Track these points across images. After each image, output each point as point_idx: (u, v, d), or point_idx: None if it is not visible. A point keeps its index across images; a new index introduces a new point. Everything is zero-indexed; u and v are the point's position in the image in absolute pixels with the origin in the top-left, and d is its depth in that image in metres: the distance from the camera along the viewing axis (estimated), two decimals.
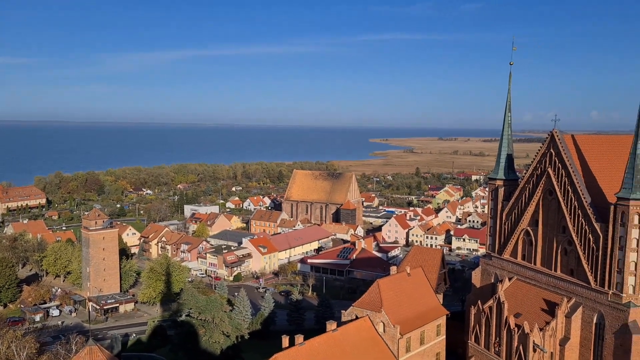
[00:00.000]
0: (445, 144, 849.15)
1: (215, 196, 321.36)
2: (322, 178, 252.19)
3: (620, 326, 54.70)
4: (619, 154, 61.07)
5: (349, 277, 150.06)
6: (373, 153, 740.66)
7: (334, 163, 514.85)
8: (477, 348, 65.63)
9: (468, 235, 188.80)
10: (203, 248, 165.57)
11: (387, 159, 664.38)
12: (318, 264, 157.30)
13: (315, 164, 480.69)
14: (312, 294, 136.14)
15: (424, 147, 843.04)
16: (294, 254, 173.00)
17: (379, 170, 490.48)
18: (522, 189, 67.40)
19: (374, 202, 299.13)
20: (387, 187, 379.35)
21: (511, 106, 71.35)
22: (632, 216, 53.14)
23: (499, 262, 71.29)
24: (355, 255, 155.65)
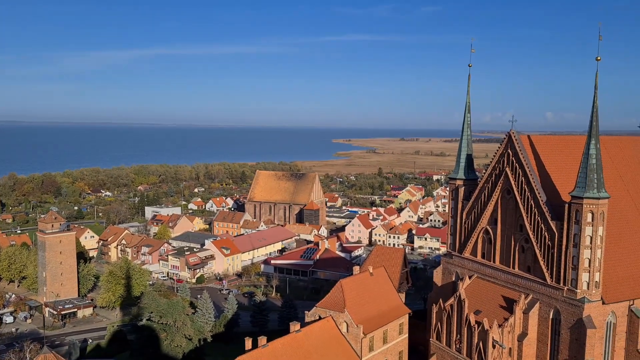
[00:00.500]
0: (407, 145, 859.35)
1: (177, 197, 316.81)
2: (286, 179, 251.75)
3: (575, 321, 56.34)
4: (573, 153, 62.86)
5: (312, 278, 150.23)
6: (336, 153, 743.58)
7: (298, 163, 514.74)
8: (439, 346, 66.56)
9: (430, 234, 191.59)
10: (165, 250, 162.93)
11: (350, 159, 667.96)
12: (282, 264, 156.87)
13: (279, 164, 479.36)
14: (276, 295, 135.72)
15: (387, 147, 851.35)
16: (258, 255, 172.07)
17: (342, 170, 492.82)
18: (481, 188, 68.72)
19: (337, 202, 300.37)
20: (350, 187, 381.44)
21: (470, 107, 72.62)
22: (585, 214, 54.81)
23: (459, 261, 72.49)
24: (318, 255, 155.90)
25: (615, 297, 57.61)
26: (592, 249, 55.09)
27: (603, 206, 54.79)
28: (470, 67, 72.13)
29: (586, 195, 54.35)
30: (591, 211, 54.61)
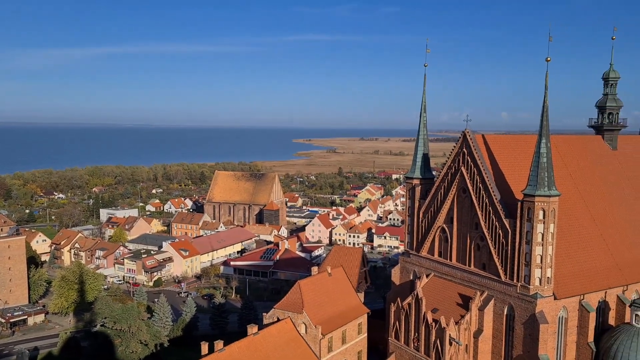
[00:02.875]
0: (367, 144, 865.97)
1: (134, 199, 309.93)
2: (245, 179, 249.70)
3: (529, 317, 57.50)
4: (526, 152, 64.16)
5: (272, 278, 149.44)
6: (296, 153, 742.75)
7: (258, 163, 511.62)
8: (397, 344, 66.90)
9: (389, 233, 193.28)
10: (120, 253, 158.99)
11: (310, 159, 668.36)
12: (241, 265, 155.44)
13: (239, 164, 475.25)
14: (236, 296, 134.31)
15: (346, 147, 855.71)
16: (217, 256, 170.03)
17: (303, 170, 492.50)
18: (437, 187, 69.41)
19: (297, 202, 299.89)
20: (311, 187, 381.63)
21: (426, 107, 73.30)
22: (537, 212, 55.98)
23: (417, 259, 73.09)
24: (278, 256, 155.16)
25: (566, 293, 59.06)
26: (543, 245, 56.33)
27: (554, 204, 56.10)
28: (426, 67, 72.79)
29: (537, 193, 55.52)
30: (542, 209, 55.82)
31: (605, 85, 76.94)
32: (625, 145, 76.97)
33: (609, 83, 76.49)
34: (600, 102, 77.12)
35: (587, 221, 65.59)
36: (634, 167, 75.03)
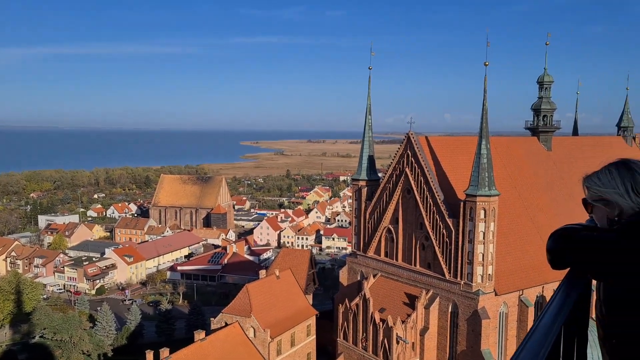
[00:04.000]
0: (314, 146, 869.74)
1: (74, 204, 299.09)
2: (192, 182, 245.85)
3: (472, 313, 59.34)
4: (468, 153, 66.17)
5: (221, 282, 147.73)
6: (244, 156, 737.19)
7: (204, 166, 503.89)
8: (346, 345, 67.56)
9: (337, 235, 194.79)
10: (60, 261, 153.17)
11: (258, 161, 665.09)
12: (189, 270, 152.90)
13: (185, 167, 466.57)
14: (183, 302, 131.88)
15: (294, 149, 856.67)
16: (163, 261, 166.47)
17: (250, 172, 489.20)
18: (383, 188, 70.60)
19: (245, 205, 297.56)
20: (259, 189, 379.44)
21: (371, 109, 74.38)
22: (478, 211, 57.91)
23: (364, 260, 74.01)
24: (226, 259, 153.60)
25: (506, 288, 61.34)
26: (484, 244, 58.28)
27: (494, 203, 58.17)
28: (371, 70, 73.88)
29: (479, 193, 57.44)
30: (483, 208, 57.76)
31: (540, 89, 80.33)
32: (558, 146, 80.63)
33: (544, 87, 79.92)
34: (535, 105, 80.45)
35: (525, 219, 68.30)
36: (566, 167, 78.71)
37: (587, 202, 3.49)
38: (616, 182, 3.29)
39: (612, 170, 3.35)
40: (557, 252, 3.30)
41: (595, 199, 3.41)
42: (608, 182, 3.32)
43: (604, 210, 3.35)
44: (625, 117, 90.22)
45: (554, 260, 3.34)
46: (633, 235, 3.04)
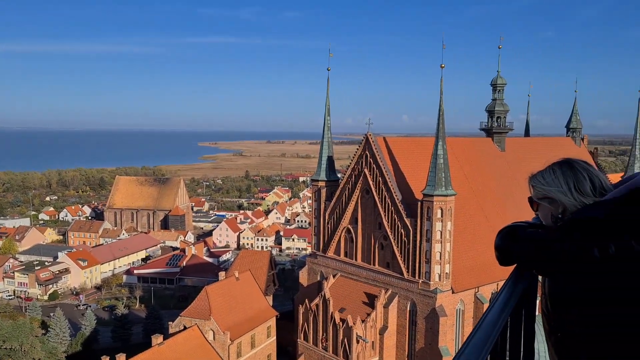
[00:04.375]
0: (274, 147, 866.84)
1: (24, 207, 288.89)
2: (149, 184, 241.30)
3: (430, 311, 60.39)
4: (425, 154, 67.31)
5: (179, 285, 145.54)
6: (202, 157, 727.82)
7: (162, 168, 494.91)
8: (306, 345, 67.65)
9: (297, 235, 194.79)
10: (10, 266, 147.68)
11: (216, 162, 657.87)
12: (146, 274, 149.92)
13: (141, 169, 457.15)
14: (140, 306, 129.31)
15: (253, 150, 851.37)
16: (119, 265, 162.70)
17: (209, 173, 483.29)
18: (342, 189, 71.07)
19: (204, 206, 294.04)
20: (218, 190, 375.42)
21: (330, 110, 74.74)
22: (435, 210, 59.02)
23: (323, 260, 74.29)
24: (185, 262, 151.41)
25: (462, 286, 62.69)
26: (442, 242, 59.42)
27: (451, 203, 59.38)
28: (330, 71, 74.26)
29: (436, 193, 58.53)
30: (440, 208, 58.88)
31: (493, 91, 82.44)
32: (512, 147, 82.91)
33: (497, 89, 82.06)
34: (489, 107, 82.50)
35: (480, 218, 69.96)
36: (519, 167, 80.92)
37: (532, 200, 3.59)
38: (559, 180, 3.40)
39: (555, 170, 3.46)
40: (504, 250, 3.39)
41: (540, 197, 3.51)
42: (552, 181, 3.42)
43: (549, 208, 3.45)
44: (574, 119, 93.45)
45: (501, 257, 3.42)
46: (574, 232, 3.15)
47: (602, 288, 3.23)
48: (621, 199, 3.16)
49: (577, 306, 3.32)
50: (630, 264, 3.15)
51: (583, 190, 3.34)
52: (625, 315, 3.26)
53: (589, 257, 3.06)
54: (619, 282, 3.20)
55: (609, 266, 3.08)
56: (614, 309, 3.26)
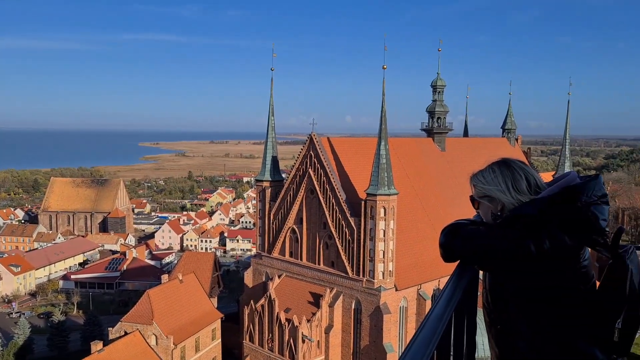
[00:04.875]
0: (217, 147, 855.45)
1: None
2: (86, 185, 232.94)
3: (374, 309, 61.32)
4: (368, 154, 68.28)
5: (120, 290, 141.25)
6: (143, 157, 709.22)
7: (100, 169, 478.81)
8: (252, 347, 67.24)
9: (241, 236, 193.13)
10: None
11: (158, 163, 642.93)
12: (84, 279, 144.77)
13: (78, 170, 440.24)
14: (78, 312, 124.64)
15: (196, 150, 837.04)
16: (55, 270, 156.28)
17: (151, 174, 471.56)
18: (286, 189, 71.08)
19: (145, 208, 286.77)
20: (160, 192, 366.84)
21: (274, 110, 74.64)
22: (379, 210, 60.01)
23: (268, 261, 74.05)
24: (126, 265, 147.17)
25: (405, 283, 64.00)
26: (385, 241, 60.47)
27: (393, 202, 60.52)
28: (273, 71, 74.12)
29: (379, 193, 59.51)
30: (383, 207, 59.91)
31: (433, 92, 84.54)
32: (451, 147, 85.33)
33: (437, 90, 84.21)
34: (430, 108, 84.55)
35: (422, 216, 71.63)
36: (459, 166, 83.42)
37: (473, 198, 3.76)
38: (498, 180, 3.56)
39: (494, 169, 3.63)
40: (447, 247, 3.53)
41: (480, 196, 3.67)
42: (491, 180, 3.58)
43: (488, 206, 3.61)
44: (508, 120, 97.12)
45: (445, 254, 3.56)
46: (511, 228, 3.32)
47: (538, 281, 3.45)
48: (554, 196, 3.37)
49: (516, 299, 3.52)
50: (564, 258, 3.37)
51: (520, 189, 3.52)
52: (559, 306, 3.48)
53: (525, 252, 3.24)
54: (553, 276, 3.42)
55: (545, 260, 3.28)
56: (550, 302, 3.48)
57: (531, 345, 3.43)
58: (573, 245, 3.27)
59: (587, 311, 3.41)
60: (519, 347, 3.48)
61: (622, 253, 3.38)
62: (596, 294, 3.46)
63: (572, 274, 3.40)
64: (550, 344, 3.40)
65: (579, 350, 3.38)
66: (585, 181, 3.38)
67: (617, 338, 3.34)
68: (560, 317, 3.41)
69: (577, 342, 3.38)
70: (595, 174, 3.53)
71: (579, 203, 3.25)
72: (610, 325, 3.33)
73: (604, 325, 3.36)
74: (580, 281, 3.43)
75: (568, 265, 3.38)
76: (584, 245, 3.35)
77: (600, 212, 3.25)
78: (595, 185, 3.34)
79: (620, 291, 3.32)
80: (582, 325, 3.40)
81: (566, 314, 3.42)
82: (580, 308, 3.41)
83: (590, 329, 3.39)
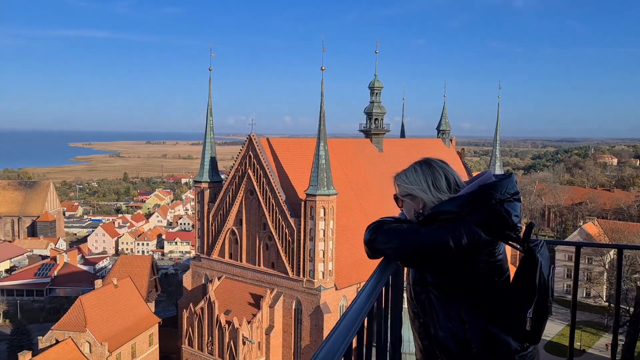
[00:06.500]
0: (154, 148, 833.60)
1: None
2: (13, 188, 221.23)
3: (314, 309, 61.73)
4: (307, 155, 68.64)
5: (50, 297, 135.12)
6: (74, 158, 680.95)
7: (28, 170, 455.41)
8: (191, 351, 66.17)
9: (180, 238, 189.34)
10: None
11: (91, 164, 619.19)
12: (11, 285, 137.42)
13: (4, 172, 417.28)
14: (5, 321, 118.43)
15: (132, 150, 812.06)
16: None
17: (83, 176, 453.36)
18: (225, 190, 70.41)
19: (77, 211, 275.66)
20: (93, 194, 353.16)
21: (212, 110, 73.78)
22: (318, 210, 60.50)
23: (208, 263, 73.07)
24: (56, 271, 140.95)
25: (345, 282, 64.81)
26: (325, 241, 61.03)
27: (333, 202, 61.18)
28: (212, 71, 73.25)
29: (318, 193, 60.00)
30: (323, 207, 60.46)
31: (371, 94, 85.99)
32: (389, 147, 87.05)
33: (375, 92, 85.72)
34: (367, 109, 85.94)
35: (360, 215, 72.69)
36: (396, 167, 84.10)
37: (397, 197, 3.96)
38: (420, 179, 3.76)
39: (416, 169, 3.84)
40: (370, 243, 3.70)
41: (403, 195, 3.88)
42: (414, 179, 3.79)
43: (411, 204, 3.81)
44: (443, 122, 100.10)
45: (368, 250, 3.73)
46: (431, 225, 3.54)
47: (456, 275, 3.72)
48: (471, 194, 3.62)
49: (436, 292, 3.78)
50: (480, 252, 3.65)
51: (440, 187, 3.74)
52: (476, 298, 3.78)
53: (444, 247, 3.45)
54: (470, 269, 3.70)
55: (462, 255, 3.49)
56: (467, 294, 3.76)
57: (450, 336, 3.66)
58: (488, 240, 3.50)
59: (501, 302, 3.67)
60: (439, 337, 3.71)
61: (533, 247, 3.65)
62: (510, 286, 3.73)
63: (487, 267, 3.65)
64: (468, 332, 3.63)
65: (494, 339, 3.63)
66: (499, 180, 3.62)
67: (529, 327, 3.60)
68: (477, 308, 3.67)
69: (493, 332, 3.63)
70: (509, 173, 3.79)
71: (493, 200, 3.50)
72: (523, 315, 3.58)
73: (517, 315, 3.61)
74: (495, 274, 3.69)
75: (484, 259, 3.62)
76: (498, 240, 3.58)
77: (512, 208, 3.51)
78: (508, 183, 3.60)
79: (530, 283, 3.57)
80: (497, 316, 3.66)
81: (482, 305, 3.68)
82: (495, 299, 3.67)
83: (505, 318, 3.66)
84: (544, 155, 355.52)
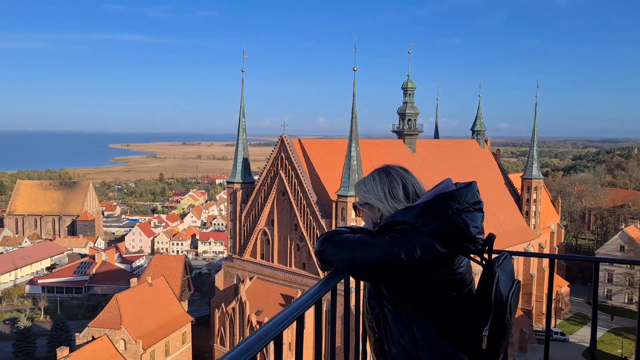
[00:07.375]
0: (189, 149, 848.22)
1: None
2: (54, 188, 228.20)
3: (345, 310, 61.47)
4: (339, 156, 68.50)
5: (88, 294, 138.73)
6: (113, 159, 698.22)
7: (69, 171, 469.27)
8: (223, 350, 66.73)
9: (213, 239, 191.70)
10: None
11: (129, 165, 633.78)
12: (51, 283, 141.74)
13: (46, 172, 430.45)
14: (45, 317, 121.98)
15: (167, 151, 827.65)
16: (22, 275, 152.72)
17: (121, 177, 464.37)
18: (258, 191, 70.84)
19: (115, 210, 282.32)
20: (130, 194, 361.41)
21: (245, 111, 74.38)
22: (350, 211, 60.21)
23: (240, 263, 73.65)
24: (95, 269, 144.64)
25: None
26: None
27: None
28: (244, 72, 73.88)
29: (349, 194, 59.73)
30: None
31: (404, 95, 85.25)
32: (422, 148, 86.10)
33: (408, 92, 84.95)
34: (400, 110, 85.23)
35: None
36: (429, 168, 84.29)
37: (356, 206, 3.76)
38: (377, 188, 3.55)
39: (375, 177, 3.64)
40: (319, 254, 3.49)
41: (361, 204, 3.67)
42: (371, 188, 3.58)
43: (369, 214, 3.61)
44: (478, 122, 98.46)
45: (318, 260, 3.53)
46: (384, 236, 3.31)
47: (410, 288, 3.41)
48: (427, 203, 3.34)
49: (389, 306, 3.48)
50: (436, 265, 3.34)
51: (396, 196, 3.52)
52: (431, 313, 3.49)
53: (396, 260, 3.19)
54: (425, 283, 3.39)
55: (417, 268, 3.24)
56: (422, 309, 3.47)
57: (402, 353, 3.44)
58: (445, 253, 3.24)
59: (457, 318, 3.42)
60: (392, 354, 3.49)
61: (493, 260, 3.41)
62: (468, 301, 3.47)
63: (445, 280, 3.40)
64: (421, 350, 3.39)
65: (448, 358, 3.38)
66: (458, 188, 3.37)
67: (485, 346, 3.33)
68: (431, 323, 3.40)
69: (447, 349, 3.39)
70: (469, 182, 3.49)
71: (451, 210, 3.25)
72: (478, 333, 3.33)
73: (472, 332, 3.36)
74: (453, 288, 3.44)
75: (442, 272, 3.37)
76: (455, 252, 3.34)
77: (471, 219, 3.26)
78: (467, 192, 3.34)
79: (487, 299, 3.32)
80: (453, 332, 3.41)
81: (437, 321, 3.41)
82: (451, 315, 3.42)
83: (460, 335, 3.41)
84: (585, 156, 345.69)
